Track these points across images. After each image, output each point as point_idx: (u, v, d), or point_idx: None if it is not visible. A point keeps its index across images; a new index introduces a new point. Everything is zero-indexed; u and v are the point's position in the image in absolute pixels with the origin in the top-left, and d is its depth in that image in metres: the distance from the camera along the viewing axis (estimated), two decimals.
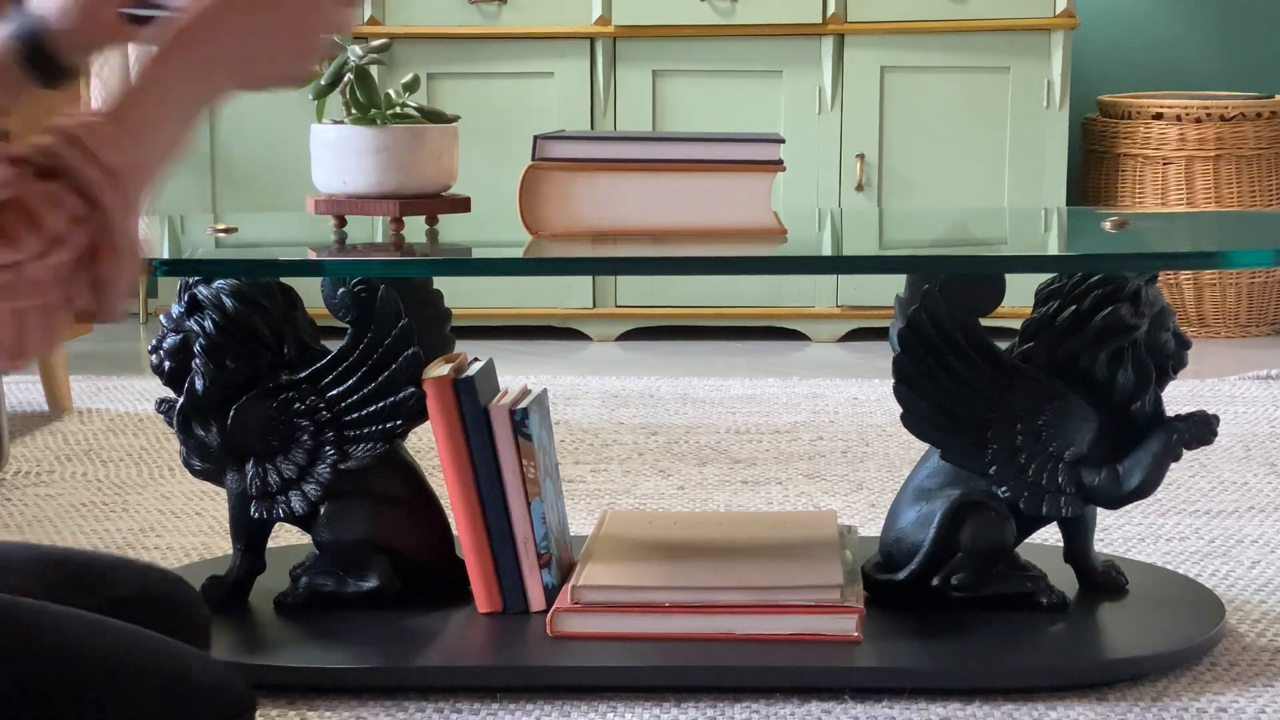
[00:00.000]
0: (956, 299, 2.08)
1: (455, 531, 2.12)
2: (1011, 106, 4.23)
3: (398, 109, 2.11)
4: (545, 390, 2.19)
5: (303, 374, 2.10)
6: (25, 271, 1.09)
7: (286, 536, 2.42)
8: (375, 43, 2.12)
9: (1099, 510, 2.16)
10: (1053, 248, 2.15)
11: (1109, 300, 2.05)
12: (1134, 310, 2.06)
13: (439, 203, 2.11)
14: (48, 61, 1.39)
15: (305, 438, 2.10)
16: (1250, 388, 3.66)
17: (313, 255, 2.09)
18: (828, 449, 3.16)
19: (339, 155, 2.06)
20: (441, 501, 2.18)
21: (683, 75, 4.26)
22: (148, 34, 1.33)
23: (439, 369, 2.07)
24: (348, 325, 2.11)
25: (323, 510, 2.11)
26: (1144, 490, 2.08)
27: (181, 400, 2.10)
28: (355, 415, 2.10)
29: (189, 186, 4.26)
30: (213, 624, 1.53)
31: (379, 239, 2.26)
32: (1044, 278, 2.13)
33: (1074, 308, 2.07)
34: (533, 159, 2.06)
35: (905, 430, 2.11)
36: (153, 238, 1.22)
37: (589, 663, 1.97)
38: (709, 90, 4.26)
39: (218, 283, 2.08)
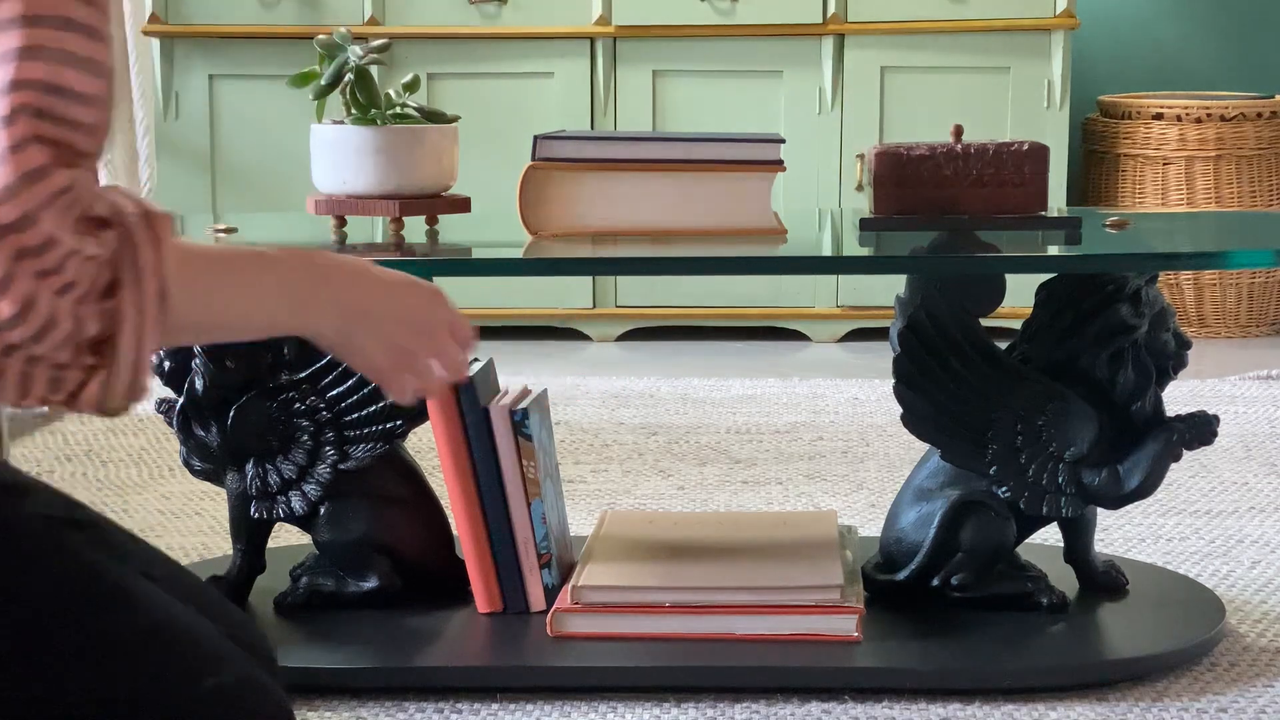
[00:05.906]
0: (956, 299, 2.08)
1: (455, 531, 2.12)
2: (1011, 106, 4.23)
3: (398, 109, 2.11)
4: (545, 390, 2.18)
5: (303, 374, 2.10)
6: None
7: (286, 536, 2.42)
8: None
9: (1099, 510, 2.16)
10: (1053, 248, 2.15)
11: (1109, 300, 2.05)
12: (1134, 310, 2.06)
13: (439, 203, 2.11)
14: None
15: (305, 438, 2.10)
16: (1250, 388, 3.66)
17: None
18: (828, 449, 3.16)
19: (339, 155, 2.06)
20: (441, 501, 2.18)
21: (683, 75, 4.26)
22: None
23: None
24: None
25: (323, 510, 2.11)
26: (1144, 490, 2.08)
27: (181, 400, 2.10)
28: (355, 415, 2.10)
29: (189, 186, 4.26)
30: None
31: (379, 239, 2.26)
32: (1044, 278, 2.13)
33: (1074, 308, 2.07)
34: (533, 159, 2.06)
35: (905, 430, 2.11)
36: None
37: (589, 663, 1.97)
38: (709, 90, 4.25)
39: None
